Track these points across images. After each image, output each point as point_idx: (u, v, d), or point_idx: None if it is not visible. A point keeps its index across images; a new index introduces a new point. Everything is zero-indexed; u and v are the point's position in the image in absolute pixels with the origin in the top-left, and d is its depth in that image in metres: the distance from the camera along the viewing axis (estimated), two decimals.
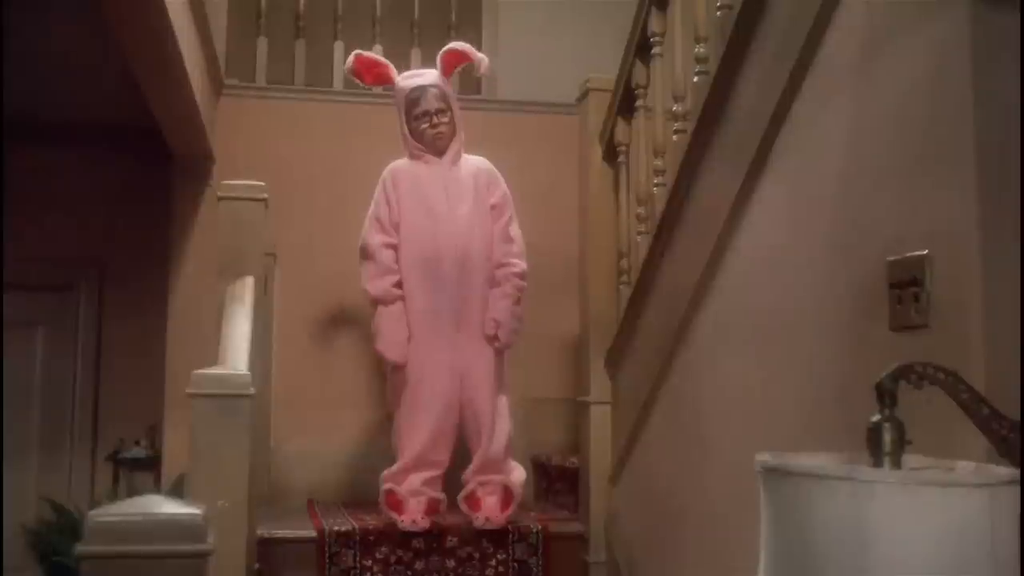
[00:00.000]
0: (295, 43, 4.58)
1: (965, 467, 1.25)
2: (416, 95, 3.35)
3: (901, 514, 1.09)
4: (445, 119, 3.36)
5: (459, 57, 3.42)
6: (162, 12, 2.87)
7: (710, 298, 2.64)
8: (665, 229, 2.92)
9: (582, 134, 3.62)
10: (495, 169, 3.49)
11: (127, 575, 1.30)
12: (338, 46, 4.59)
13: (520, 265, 3.42)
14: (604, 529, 3.42)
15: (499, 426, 3.37)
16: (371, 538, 3.31)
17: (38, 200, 4.99)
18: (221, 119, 4.37)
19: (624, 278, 3.35)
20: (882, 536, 1.09)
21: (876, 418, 1.23)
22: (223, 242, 3.10)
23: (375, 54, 3.53)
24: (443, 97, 3.36)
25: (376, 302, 3.35)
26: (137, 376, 4.83)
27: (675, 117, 2.93)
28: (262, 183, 3.16)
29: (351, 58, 3.47)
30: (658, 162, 3.08)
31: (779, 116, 2.23)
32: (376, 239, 3.35)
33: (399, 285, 3.34)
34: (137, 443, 4.44)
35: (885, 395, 1.24)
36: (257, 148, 4.29)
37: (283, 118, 4.41)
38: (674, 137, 2.92)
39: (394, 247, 3.35)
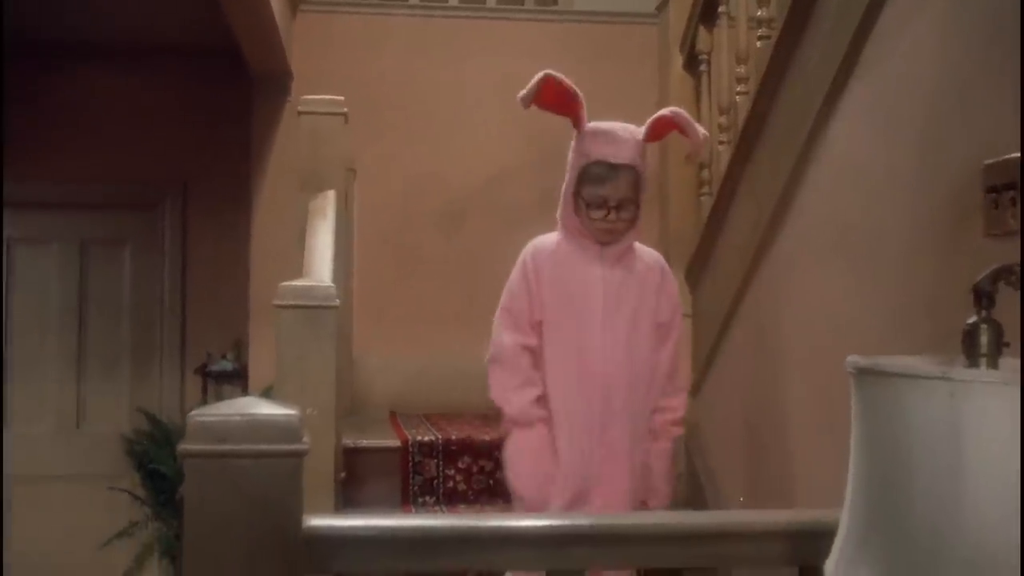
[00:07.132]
0: None
1: None
2: (600, 172, 2.42)
3: (997, 415, 1.07)
4: (627, 214, 2.45)
5: (671, 127, 2.50)
6: None
7: (794, 208, 2.60)
8: (747, 138, 2.88)
9: (662, 43, 3.57)
10: (669, 270, 2.63)
11: (226, 473, 1.33)
12: None
13: (681, 410, 2.63)
14: (684, 440, 3.44)
15: None
16: (453, 448, 3.37)
17: (122, 122, 5.08)
18: (298, 36, 4.38)
19: (705, 189, 3.31)
20: (977, 437, 1.07)
21: (972, 319, 1.21)
22: (304, 156, 3.11)
23: (565, 78, 2.40)
24: (634, 183, 2.44)
25: (510, 423, 2.53)
26: (222, 291, 4.97)
27: (759, 23, 2.86)
28: (341, 97, 3.16)
29: (536, 81, 2.35)
30: (740, 70, 3.02)
31: (867, 22, 2.16)
32: (508, 339, 2.51)
33: (540, 401, 2.50)
34: (224, 356, 4.55)
35: (983, 297, 1.21)
36: (334, 64, 4.31)
37: (360, 33, 4.41)
38: (758, 43, 2.85)
39: (532, 350, 2.51)
